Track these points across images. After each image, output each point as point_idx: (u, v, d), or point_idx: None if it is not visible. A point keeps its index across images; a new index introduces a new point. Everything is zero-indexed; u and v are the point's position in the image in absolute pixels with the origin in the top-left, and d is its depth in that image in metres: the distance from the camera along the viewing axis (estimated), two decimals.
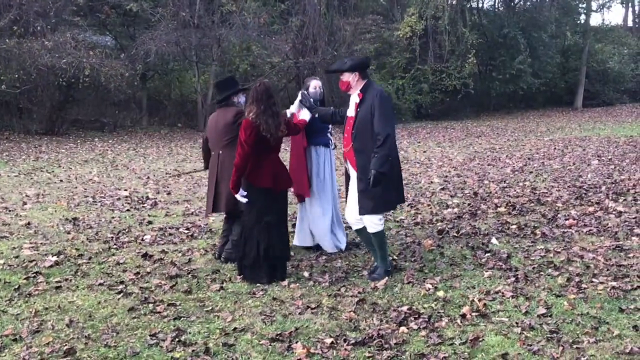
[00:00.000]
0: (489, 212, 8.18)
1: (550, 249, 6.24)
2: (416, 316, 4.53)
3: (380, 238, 5.54)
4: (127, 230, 7.45)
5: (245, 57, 23.51)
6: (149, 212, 8.58)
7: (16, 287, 5.31)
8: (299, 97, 6.05)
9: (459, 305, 4.75)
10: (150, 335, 4.28)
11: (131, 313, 4.72)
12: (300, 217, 6.52)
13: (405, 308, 4.67)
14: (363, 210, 5.42)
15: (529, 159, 13.92)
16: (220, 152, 6.01)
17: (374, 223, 5.46)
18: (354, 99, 5.51)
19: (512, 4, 33.15)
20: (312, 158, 6.34)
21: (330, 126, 6.38)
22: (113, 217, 8.22)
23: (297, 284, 5.36)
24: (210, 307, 4.83)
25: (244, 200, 5.46)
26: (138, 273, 5.71)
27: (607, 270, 5.52)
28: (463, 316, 4.52)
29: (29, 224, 7.75)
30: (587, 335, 4.15)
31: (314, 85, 6.36)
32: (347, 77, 5.52)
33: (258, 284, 5.35)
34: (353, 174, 5.53)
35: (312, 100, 6.07)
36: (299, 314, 4.67)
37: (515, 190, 9.72)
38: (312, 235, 6.44)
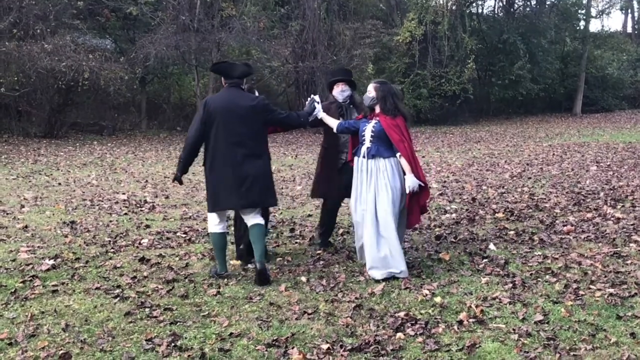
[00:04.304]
0: (487, 217, 8.17)
1: (548, 255, 6.23)
2: (413, 322, 4.52)
3: (211, 239, 5.81)
4: (124, 234, 7.44)
5: (245, 61, 23.52)
6: (146, 216, 8.57)
7: (12, 290, 5.30)
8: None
9: (456, 312, 4.74)
10: (146, 340, 4.26)
11: (127, 317, 4.70)
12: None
13: (402, 314, 4.66)
14: None
15: (527, 164, 13.92)
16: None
17: (208, 222, 5.79)
18: None
19: (512, 9, 33.24)
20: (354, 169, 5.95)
21: (366, 136, 5.75)
22: (111, 221, 8.21)
23: (294, 289, 5.35)
24: (207, 312, 4.82)
25: None
26: (135, 277, 5.70)
27: (605, 277, 5.51)
28: (460, 322, 4.51)
29: (26, 227, 7.73)
30: (584, 342, 4.14)
31: (368, 89, 5.89)
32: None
33: (255, 289, 5.34)
34: None
35: (313, 106, 6.05)
36: (296, 319, 4.66)
37: (513, 196, 9.71)
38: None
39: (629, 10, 42.72)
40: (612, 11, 50.24)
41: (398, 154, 5.68)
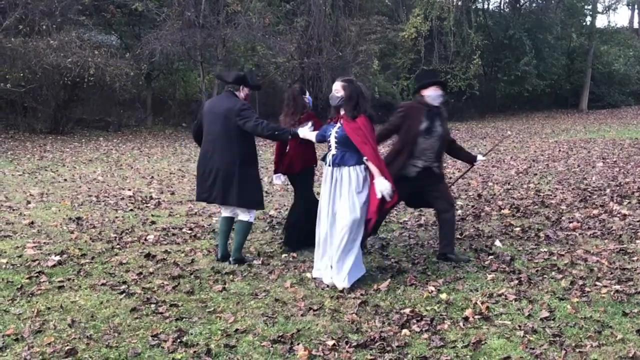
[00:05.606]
0: (493, 214, 8.16)
1: (553, 252, 6.22)
2: (418, 319, 4.52)
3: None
4: (130, 230, 7.46)
5: (250, 57, 23.52)
6: (152, 212, 8.58)
7: (19, 286, 5.31)
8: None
9: (462, 308, 4.73)
10: (151, 336, 4.27)
11: (133, 313, 4.71)
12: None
13: (407, 310, 4.66)
14: None
15: (533, 160, 13.89)
16: None
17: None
18: None
19: (518, 5, 33.13)
20: None
21: (331, 142, 5.36)
22: (116, 217, 8.22)
23: (300, 286, 5.35)
24: (212, 308, 4.83)
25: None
26: (141, 273, 5.71)
27: (611, 273, 5.50)
28: (466, 319, 4.51)
29: (32, 223, 7.75)
30: (590, 339, 4.14)
31: (335, 88, 5.41)
32: None
33: (260, 285, 5.35)
34: None
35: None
36: (301, 315, 4.66)
37: (519, 193, 9.69)
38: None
39: (636, 6, 42.49)
40: (619, 7, 49.90)
41: (365, 158, 5.21)
